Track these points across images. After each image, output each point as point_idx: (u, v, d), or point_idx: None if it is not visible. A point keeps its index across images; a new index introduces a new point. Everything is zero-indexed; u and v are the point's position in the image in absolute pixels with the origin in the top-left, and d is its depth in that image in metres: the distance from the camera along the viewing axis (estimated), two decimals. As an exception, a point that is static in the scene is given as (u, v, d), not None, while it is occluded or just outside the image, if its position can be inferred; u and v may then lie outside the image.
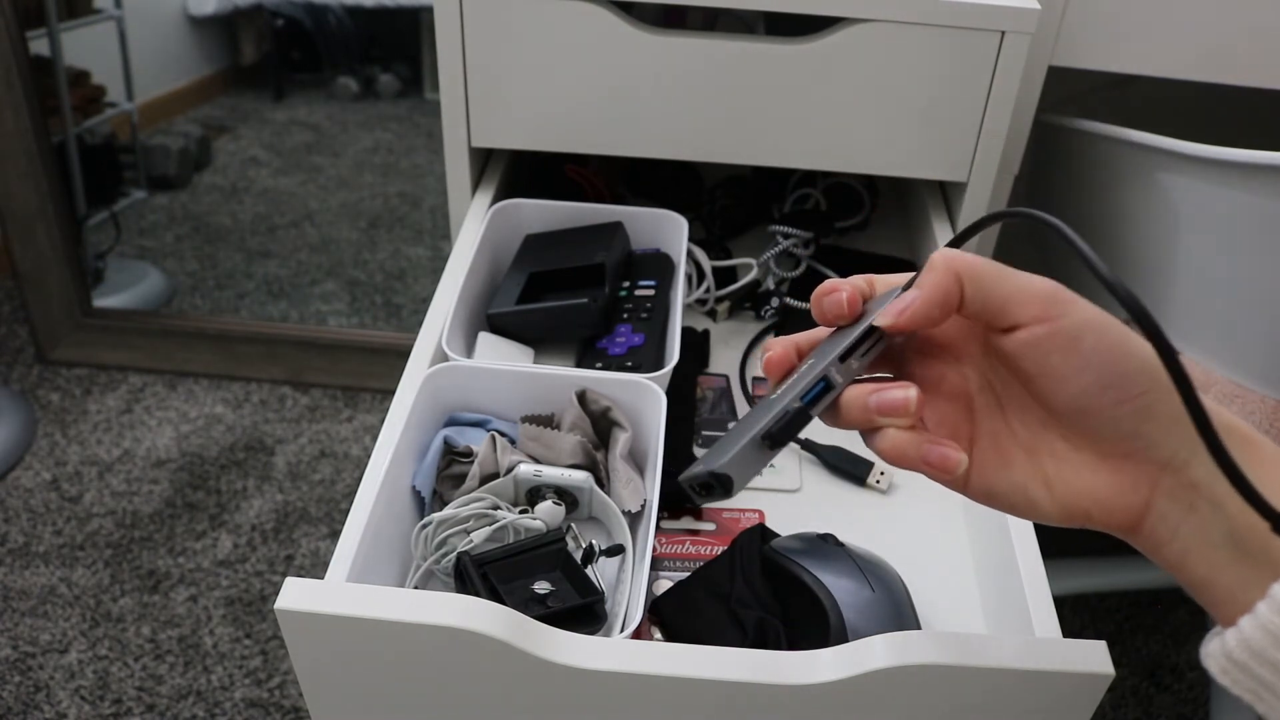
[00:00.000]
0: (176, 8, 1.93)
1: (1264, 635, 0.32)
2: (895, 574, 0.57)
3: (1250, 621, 0.32)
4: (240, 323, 1.69)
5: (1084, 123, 0.90)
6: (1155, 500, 0.36)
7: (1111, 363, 0.35)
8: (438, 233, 1.94)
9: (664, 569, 0.62)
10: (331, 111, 2.12)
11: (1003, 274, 0.36)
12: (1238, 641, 0.33)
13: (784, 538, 0.60)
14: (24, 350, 1.69)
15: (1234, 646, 0.33)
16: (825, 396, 0.39)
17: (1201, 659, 0.35)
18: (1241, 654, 0.33)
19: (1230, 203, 0.77)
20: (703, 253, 0.85)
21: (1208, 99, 0.97)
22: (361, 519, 0.52)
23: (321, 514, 1.41)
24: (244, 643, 1.23)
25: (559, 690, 0.45)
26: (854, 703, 0.45)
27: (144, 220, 1.89)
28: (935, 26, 0.74)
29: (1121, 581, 1.29)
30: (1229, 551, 0.34)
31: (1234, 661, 0.33)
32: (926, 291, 0.36)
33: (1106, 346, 0.35)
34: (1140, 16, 0.87)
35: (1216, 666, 0.34)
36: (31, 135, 1.50)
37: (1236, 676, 0.33)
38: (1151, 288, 0.87)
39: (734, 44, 0.76)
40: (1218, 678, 0.34)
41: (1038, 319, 0.35)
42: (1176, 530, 0.35)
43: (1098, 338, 0.35)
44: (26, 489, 1.42)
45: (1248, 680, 0.33)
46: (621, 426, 0.64)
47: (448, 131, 0.81)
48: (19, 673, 1.18)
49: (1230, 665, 0.33)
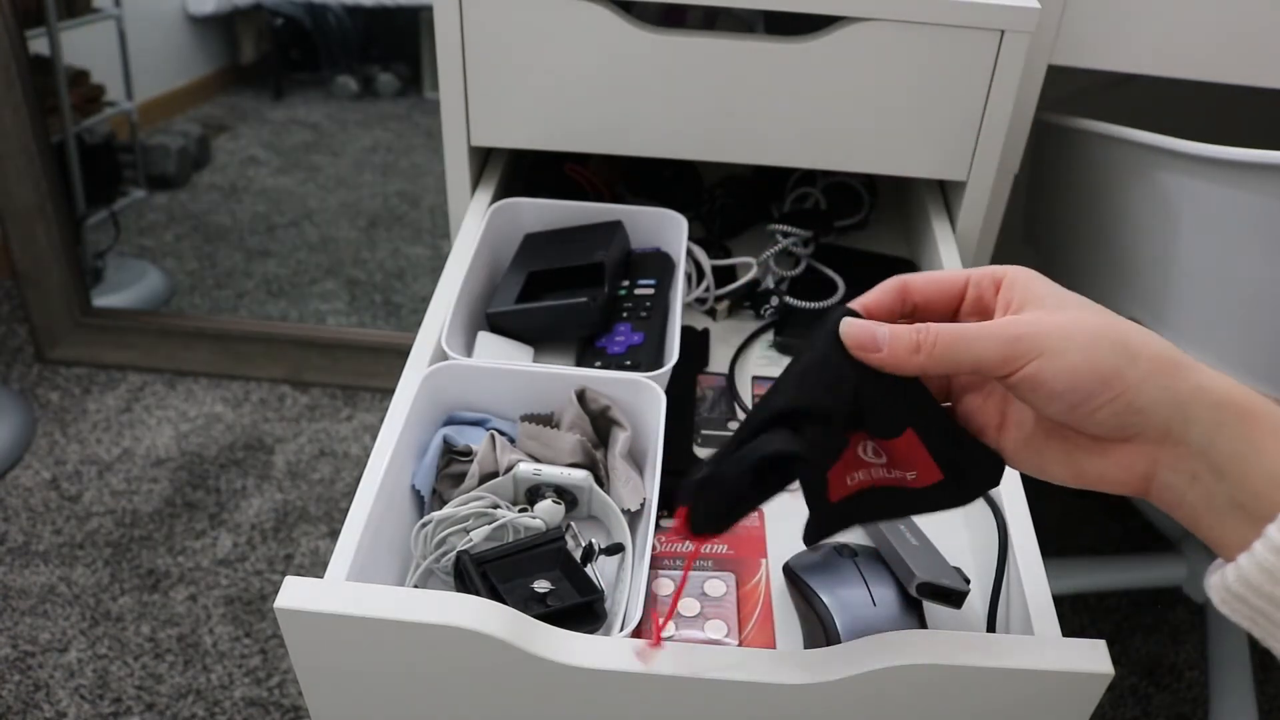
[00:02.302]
0: (176, 7, 1.93)
1: (1259, 572, 0.35)
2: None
3: (1248, 559, 0.36)
4: (240, 322, 1.69)
5: (1084, 122, 0.90)
6: (1158, 473, 0.39)
7: (1075, 386, 0.38)
8: (437, 232, 1.94)
9: (663, 567, 0.62)
10: (331, 111, 2.12)
11: (960, 341, 0.39)
12: (1236, 577, 0.36)
13: (801, 553, 0.60)
14: (23, 349, 1.69)
15: (1233, 581, 0.36)
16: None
17: (1205, 589, 0.38)
18: (1239, 587, 0.36)
19: (1230, 202, 0.77)
20: (702, 252, 0.85)
21: (1208, 99, 0.97)
22: (361, 518, 0.52)
23: (321, 513, 1.41)
24: (244, 642, 1.23)
25: (559, 689, 0.45)
26: (854, 703, 0.45)
27: (143, 219, 1.89)
28: (935, 25, 0.74)
29: (1121, 581, 1.29)
30: (1234, 514, 0.37)
31: (1232, 594, 0.37)
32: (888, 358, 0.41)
33: (1068, 373, 0.38)
34: (1140, 16, 0.86)
35: (1217, 597, 0.37)
36: (31, 134, 1.49)
37: (1235, 606, 0.37)
38: (1151, 287, 0.87)
39: (734, 43, 0.76)
40: (1218, 607, 0.37)
41: (1002, 373, 0.39)
42: (1183, 497, 0.38)
43: (1056, 371, 0.38)
44: (26, 488, 1.42)
45: (1245, 609, 0.37)
46: (621, 425, 0.64)
47: (447, 131, 0.81)
48: (19, 672, 1.18)
49: (1229, 596, 0.37)
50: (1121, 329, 0.38)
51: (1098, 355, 0.37)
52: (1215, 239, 0.80)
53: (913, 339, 0.40)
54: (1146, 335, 0.38)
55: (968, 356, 0.39)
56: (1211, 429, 0.37)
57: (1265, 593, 0.35)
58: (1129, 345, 0.38)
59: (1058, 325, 0.38)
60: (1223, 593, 0.37)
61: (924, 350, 0.40)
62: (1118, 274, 0.91)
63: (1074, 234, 0.98)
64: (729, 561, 0.63)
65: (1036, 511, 0.58)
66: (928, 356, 0.39)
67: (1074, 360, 0.38)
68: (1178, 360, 0.38)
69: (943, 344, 0.39)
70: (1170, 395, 0.37)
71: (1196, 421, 0.37)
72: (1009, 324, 0.39)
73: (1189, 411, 0.37)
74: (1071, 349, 0.38)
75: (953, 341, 0.39)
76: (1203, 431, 0.37)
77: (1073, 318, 0.39)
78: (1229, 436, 0.36)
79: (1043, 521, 0.56)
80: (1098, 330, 0.38)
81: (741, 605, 0.60)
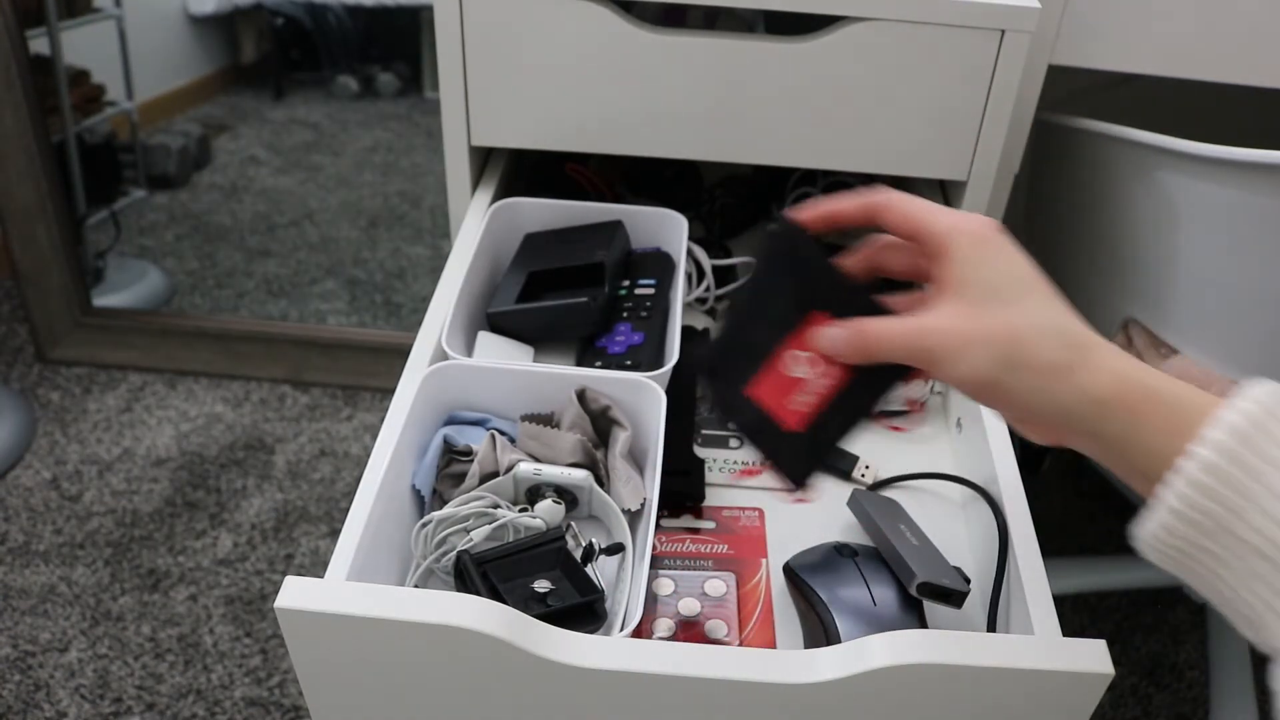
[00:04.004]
0: (176, 7, 1.93)
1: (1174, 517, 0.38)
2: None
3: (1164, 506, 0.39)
4: (240, 322, 1.69)
5: (1084, 121, 0.90)
6: (1071, 442, 0.43)
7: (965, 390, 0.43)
8: (437, 231, 1.94)
9: (664, 567, 0.62)
10: (331, 110, 2.12)
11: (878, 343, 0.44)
12: (1155, 524, 0.39)
13: (801, 552, 0.60)
14: (24, 349, 1.69)
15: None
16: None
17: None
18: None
19: (1230, 201, 0.77)
20: (702, 251, 0.85)
21: (1208, 99, 0.97)
22: (361, 518, 0.52)
23: (321, 513, 1.41)
24: (244, 641, 1.23)
25: (559, 689, 0.45)
26: (854, 702, 0.45)
27: (144, 219, 1.89)
28: (935, 25, 0.74)
29: (1121, 581, 1.29)
30: (1143, 479, 0.40)
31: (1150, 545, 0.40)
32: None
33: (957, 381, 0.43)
34: (1140, 16, 0.86)
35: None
36: (31, 134, 1.50)
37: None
38: (1151, 286, 0.87)
39: (734, 43, 0.76)
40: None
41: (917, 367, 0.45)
42: (1098, 458, 0.42)
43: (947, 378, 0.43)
44: (26, 488, 1.43)
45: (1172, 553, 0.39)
46: (621, 425, 0.64)
47: (447, 130, 0.81)
48: (19, 671, 1.18)
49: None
50: (1014, 336, 0.41)
51: (979, 366, 0.41)
52: (1215, 239, 0.80)
53: (844, 342, 0.45)
54: (1040, 341, 0.41)
55: (883, 356, 0.44)
56: (1095, 422, 0.40)
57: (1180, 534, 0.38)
58: (1012, 355, 0.41)
59: (952, 333, 0.42)
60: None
61: (852, 349, 0.45)
62: (1118, 274, 0.91)
63: (1074, 234, 0.98)
64: (729, 561, 0.63)
65: (1036, 511, 0.58)
66: (854, 355, 0.45)
67: (961, 372, 0.42)
68: (1064, 364, 0.41)
69: (863, 347, 0.45)
70: (1050, 399, 0.41)
71: (1080, 418, 0.41)
72: (914, 333, 0.43)
73: (1071, 412, 0.41)
74: (959, 360, 0.42)
75: (868, 343, 0.45)
76: (1088, 425, 0.41)
77: (974, 325, 0.42)
78: (1114, 426, 0.40)
79: (1043, 521, 0.56)
80: (986, 338, 0.41)
81: (742, 605, 0.60)
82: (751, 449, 0.49)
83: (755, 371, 0.47)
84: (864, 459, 0.70)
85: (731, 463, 0.70)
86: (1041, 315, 0.42)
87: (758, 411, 0.47)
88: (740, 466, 0.70)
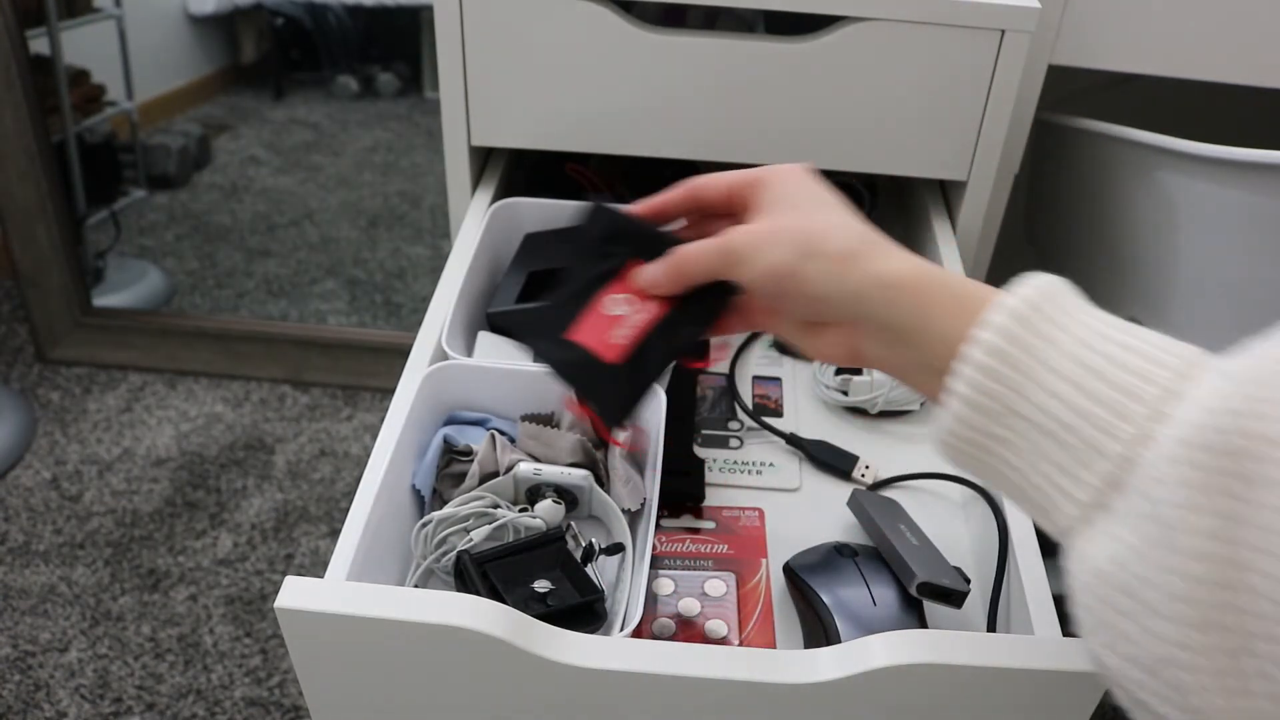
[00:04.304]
0: (176, 7, 1.93)
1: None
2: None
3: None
4: (240, 322, 1.69)
5: (1084, 121, 0.90)
6: (863, 346, 0.45)
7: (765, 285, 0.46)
8: (437, 231, 1.94)
9: (664, 567, 0.62)
10: (331, 110, 2.12)
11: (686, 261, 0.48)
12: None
13: (801, 552, 0.60)
14: (24, 349, 1.69)
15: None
16: None
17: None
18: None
19: (1230, 201, 0.77)
20: (702, 252, 0.85)
21: (1207, 98, 0.97)
22: (361, 518, 0.52)
23: (321, 513, 1.41)
24: (244, 641, 1.23)
25: (559, 689, 0.45)
26: (854, 702, 0.45)
27: (144, 219, 1.89)
28: (935, 25, 0.74)
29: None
30: (928, 373, 0.42)
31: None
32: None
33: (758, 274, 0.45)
34: (1140, 16, 0.87)
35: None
36: (31, 134, 1.50)
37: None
38: (1151, 286, 0.87)
39: (734, 43, 0.76)
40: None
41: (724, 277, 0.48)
42: (887, 363, 0.44)
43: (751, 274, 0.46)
44: (26, 488, 1.43)
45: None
46: (621, 426, 0.64)
47: (447, 130, 0.81)
48: (19, 671, 1.18)
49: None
50: (810, 229, 0.44)
51: (778, 256, 0.44)
52: (1215, 239, 0.80)
53: (660, 271, 0.49)
54: (833, 232, 0.44)
55: (697, 270, 0.48)
56: (884, 307, 0.42)
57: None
58: (809, 244, 0.44)
59: (756, 232, 0.46)
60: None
61: (668, 275, 0.49)
62: (1118, 274, 0.92)
63: (1074, 234, 0.98)
64: (729, 561, 0.63)
65: (1036, 511, 0.58)
66: (670, 280, 0.49)
67: (761, 264, 0.45)
68: (855, 251, 0.43)
69: (676, 267, 0.48)
70: (842, 284, 0.43)
71: (870, 302, 0.43)
72: (720, 240, 0.47)
73: (862, 295, 0.43)
74: (760, 254, 0.45)
75: (681, 263, 0.48)
76: (878, 310, 0.42)
77: (775, 223, 0.46)
78: (903, 311, 0.42)
79: (1043, 521, 0.56)
80: (785, 233, 0.45)
81: (742, 605, 0.60)
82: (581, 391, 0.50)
83: (574, 318, 0.49)
84: (864, 459, 0.70)
85: (731, 463, 0.70)
86: (839, 216, 0.45)
87: (577, 350, 0.48)
88: (738, 467, 0.70)
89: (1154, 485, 0.33)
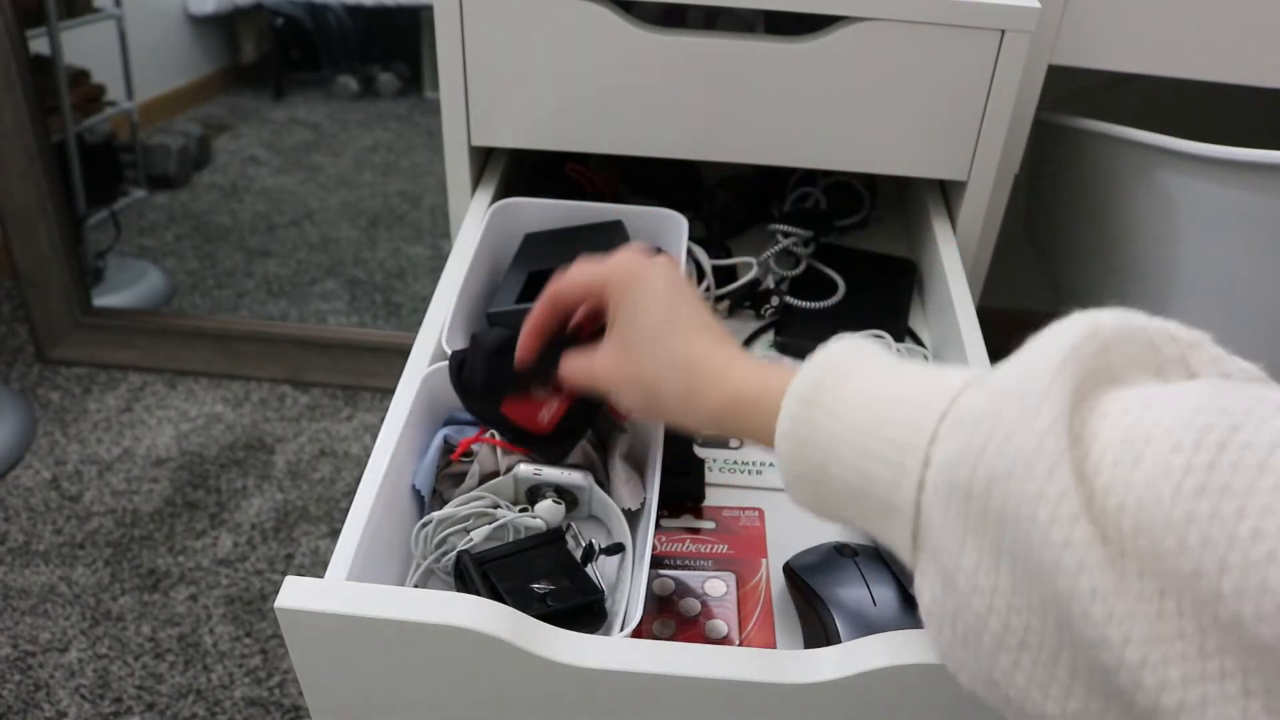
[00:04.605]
0: (176, 7, 1.93)
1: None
2: None
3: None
4: (240, 322, 1.69)
5: (1084, 121, 0.90)
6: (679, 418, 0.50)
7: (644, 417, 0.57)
8: (437, 231, 1.94)
9: (664, 567, 0.62)
10: (331, 110, 2.12)
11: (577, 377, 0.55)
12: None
13: (801, 552, 0.60)
14: (24, 349, 1.69)
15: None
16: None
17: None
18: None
19: (1230, 201, 0.77)
20: (703, 251, 0.85)
21: (1208, 98, 0.97)
22: (361, 518, 0.52)
23: (321, 513, 1.41)
24: (244, 641, 1.23)
25: (559, 689, 0.45)
26: (854, 703, 0.45)
27: (144, 219, 1.89)
28: (935, 25, 0.74)
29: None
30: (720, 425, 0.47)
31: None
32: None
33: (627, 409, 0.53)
34: (1140, 16, 0.87)
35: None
36: (31, 134, 1.50)
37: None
38: (1151, 285, 0.87)
39: (734, 43, 0.76)
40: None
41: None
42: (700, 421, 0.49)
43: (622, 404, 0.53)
44: (26, 488, 1.43)
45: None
46: (621, 426, 0.64)
47: (447, 130, 0.81)
48: (19, 671, 1.18)
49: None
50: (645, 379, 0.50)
51: (636, 402, 0.51)
52: (1215, 238, 0.80)
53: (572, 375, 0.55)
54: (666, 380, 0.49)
55: (582, 385, 0.54)
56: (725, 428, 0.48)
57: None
58: (651, 394, 0.50)
59: (611, 376, 0.52)
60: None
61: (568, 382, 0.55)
62: (1118, 274, 0.92)
63: (1074, 234, 0.98)
64: (729, 561, 0.63)
65: (1036, 511, 0.58)
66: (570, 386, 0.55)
67: (625, 404, 0.52)
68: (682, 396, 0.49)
69: (569, 380, 0.55)
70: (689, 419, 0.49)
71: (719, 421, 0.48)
72: (585, 372, 0.53)
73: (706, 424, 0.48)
74: (620, 393, 0.52)
75: (570, 380, 0.55)
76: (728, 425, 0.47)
77: (622, 372, 0.51)
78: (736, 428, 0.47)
79: (1043, 521, 0.56)
80: (630, 381, 0.51)
81: (742, 605, 0.60)
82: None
83: (504, 399, 0.58)
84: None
85: (732, 463, 0.70)
86: (666, 355, 0.49)
87: (513, 425, 0.58)
88: (738, 467, 0.70)
89: (932, 532, 0.37)
